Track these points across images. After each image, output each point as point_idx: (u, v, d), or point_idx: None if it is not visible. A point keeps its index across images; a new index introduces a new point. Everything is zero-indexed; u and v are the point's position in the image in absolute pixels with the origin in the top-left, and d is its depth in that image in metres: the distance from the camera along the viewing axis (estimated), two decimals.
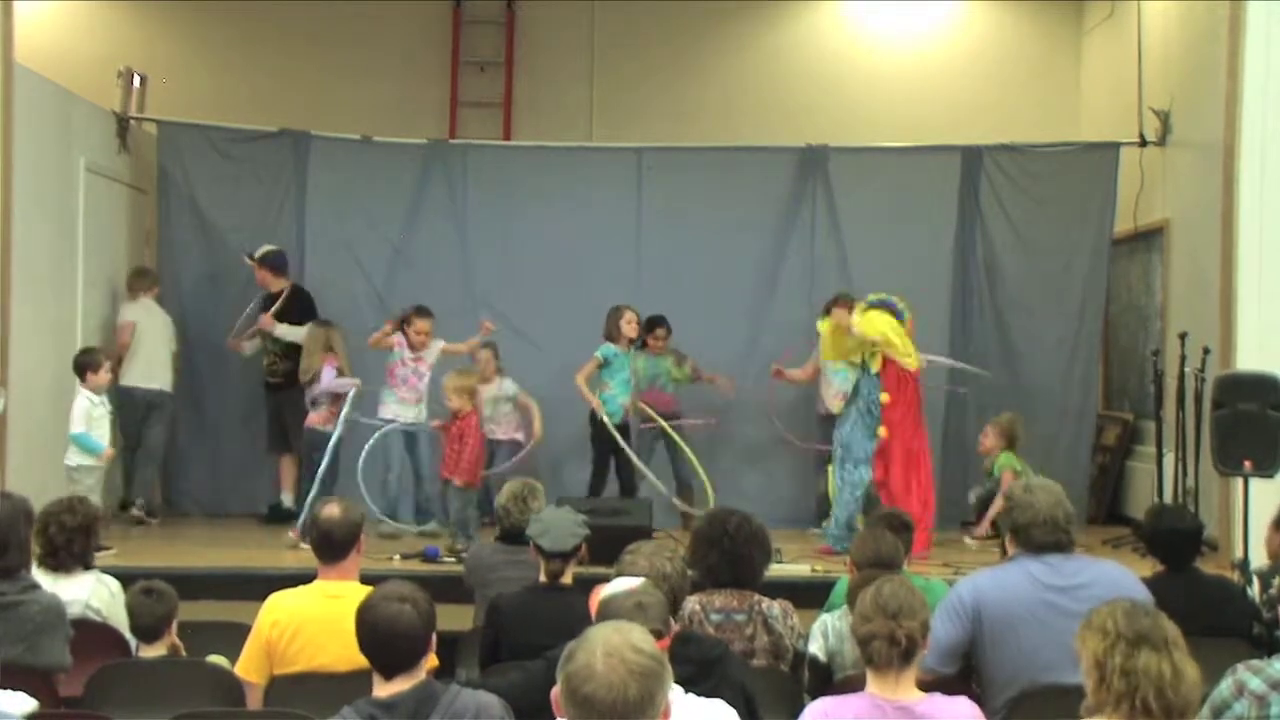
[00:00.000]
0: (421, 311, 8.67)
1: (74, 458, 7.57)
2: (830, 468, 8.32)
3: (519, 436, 8.97)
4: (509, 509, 5.74)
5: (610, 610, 3.52)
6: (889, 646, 3.46)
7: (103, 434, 7.65)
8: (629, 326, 8.78)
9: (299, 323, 9.02)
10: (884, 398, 8.05)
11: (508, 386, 9.00)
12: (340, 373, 8.50)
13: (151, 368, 9.17)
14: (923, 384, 8.31)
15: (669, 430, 8.99)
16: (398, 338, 8.63)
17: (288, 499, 9.05)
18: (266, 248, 9.27)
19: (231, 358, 9.57)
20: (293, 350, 8.95)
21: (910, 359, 8.08)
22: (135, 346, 9.10)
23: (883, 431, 8.05)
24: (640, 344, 9.11)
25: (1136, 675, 3.01)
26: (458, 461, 7.90)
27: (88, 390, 7.65)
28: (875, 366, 8.12)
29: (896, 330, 8.05)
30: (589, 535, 5.03)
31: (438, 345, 8.77)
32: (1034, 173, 9.86)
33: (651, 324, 9.15)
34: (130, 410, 8.99)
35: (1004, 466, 8.63)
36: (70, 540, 4.95)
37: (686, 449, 9.00)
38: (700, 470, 8.89)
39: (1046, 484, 4.53)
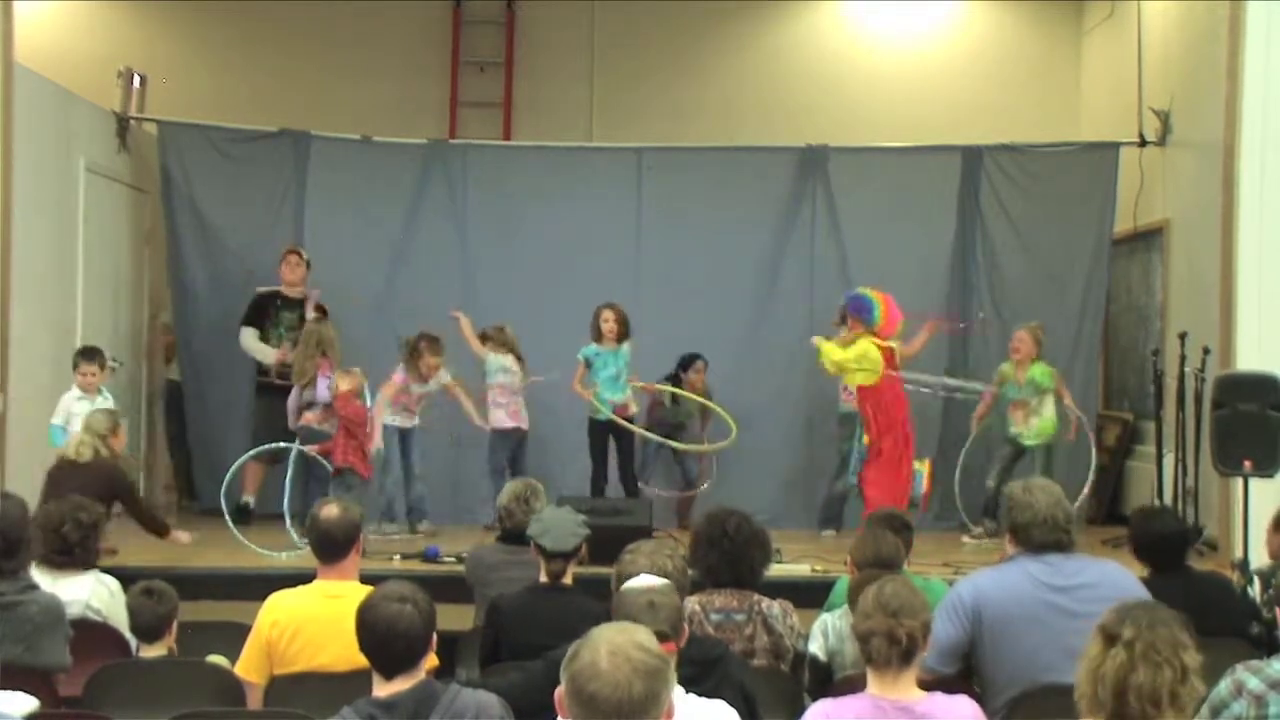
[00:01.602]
0: (434, 346, 8.61)
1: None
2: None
3: (520, 424, 8.96)
4: (511, 509, 5.73)
5: (623, 603, 3.53)
6: (888, 645, 3.46)
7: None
8: (606, 325, 8.80)
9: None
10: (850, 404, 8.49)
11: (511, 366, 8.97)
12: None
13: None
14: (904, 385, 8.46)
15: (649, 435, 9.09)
16: (397, 376, 8.60)
17: (251, 499, 8.99)
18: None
19: (231, 356, 9.56)
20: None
21: (870, 374, 8.17)
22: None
23: (867, 439, 8.31)
24: (675, 380, 9.24)
25: (1082, 661, 3.03)
26: (347, 450, 7.80)
27: (76, 387, 7.65)
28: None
29: (845, 358, 8.19)
30: (589, 535, 5.03)
31: (444, 376, 8.74)
32: (1034, 173, 9.86)
33: (687, 361, 9.23)
34: (173, 403, 10.06)
35: (1047, 377, 8.59)
36: (86, 538, 4.98)
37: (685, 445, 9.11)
38: (720, 410, 8.96)
39: (1046, 484, 4.53)
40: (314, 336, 8.52)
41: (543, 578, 4.95)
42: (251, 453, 8.40)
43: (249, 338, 9.26)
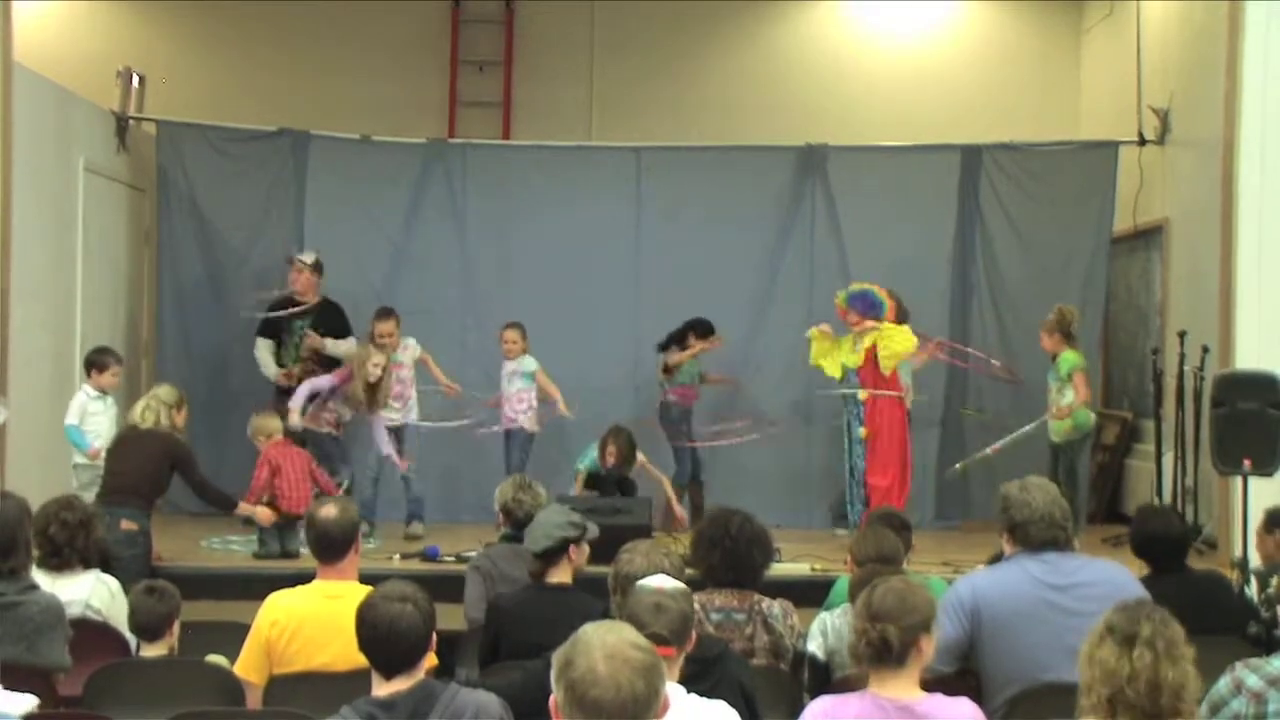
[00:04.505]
0: (382, 314, 8.53)
1: (74, 455, 7.56)
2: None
3: (528, 425, 8.88)
4: (521, 499, 5.72)
5: (630, 601, 3.52)
6: (867, 646, 3.48)
7: (97, 432, 7.58)
8: (610, 457, 8.63)
9: (342, 335, 9.03)
10: (862, 394, 8.48)
11: (528, 363, 8.84)
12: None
13: None
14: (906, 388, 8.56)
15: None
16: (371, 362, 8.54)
17: None
18: (315, 254, 9.20)
19: (231, 356, 9.55)
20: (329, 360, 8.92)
21: (894, 359, 8.29)
22: None
23: (863, 432, 8.44)
24: (683, 345, 9.15)
25: (1095, 665, 3.04)
26: (254, 492, 7.45)
27: (90, 387, 7.65)
28: (853, 363, 8.51)
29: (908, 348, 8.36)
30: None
31: (411, 347, 8.66)
32: (1034, 171, 9.85)
33: (706, 330, 9.17)
34: None
35: (1074, 367, 8.12)
36: (73, 537, 4.97)
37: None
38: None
39: (1042, 482, 4.52)
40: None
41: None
42: None
43: (261, 349, 9.17)
